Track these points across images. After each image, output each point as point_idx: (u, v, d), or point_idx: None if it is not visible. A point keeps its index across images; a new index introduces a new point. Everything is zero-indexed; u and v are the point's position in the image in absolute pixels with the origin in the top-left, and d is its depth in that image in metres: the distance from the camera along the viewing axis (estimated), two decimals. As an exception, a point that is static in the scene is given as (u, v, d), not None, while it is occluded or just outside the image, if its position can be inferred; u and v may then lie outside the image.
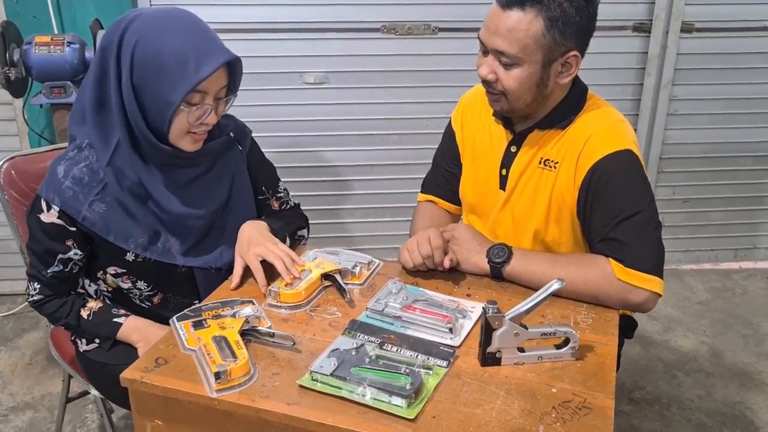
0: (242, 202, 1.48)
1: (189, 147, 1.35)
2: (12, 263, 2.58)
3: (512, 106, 1.36)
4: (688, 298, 2.87)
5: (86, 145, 1.34)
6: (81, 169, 1.32)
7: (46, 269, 1.38)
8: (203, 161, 1.42)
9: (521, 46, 1.27)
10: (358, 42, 2.63)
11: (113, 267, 1.40)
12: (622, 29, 2.72)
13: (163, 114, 1.27)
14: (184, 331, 1.17)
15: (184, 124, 1.30)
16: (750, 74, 2.81)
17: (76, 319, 1.43)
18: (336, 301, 1.32)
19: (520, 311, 1.12)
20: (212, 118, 1.32)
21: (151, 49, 1.24)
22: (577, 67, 1.34)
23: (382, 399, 1.01)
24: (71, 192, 1.31)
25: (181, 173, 1.39)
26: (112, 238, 1.34)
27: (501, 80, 1.32)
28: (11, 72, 2.19)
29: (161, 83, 1.24)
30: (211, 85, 1.27)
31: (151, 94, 1.26)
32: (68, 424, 2.08)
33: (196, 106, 1.28)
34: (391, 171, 2.83)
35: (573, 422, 0.99)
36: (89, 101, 1.32)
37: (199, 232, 1.41)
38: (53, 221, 1.33)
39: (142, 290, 1.44)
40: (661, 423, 2.14)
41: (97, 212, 1.33)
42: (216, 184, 1.43)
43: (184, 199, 1.38)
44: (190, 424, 1.08)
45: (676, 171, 2.95)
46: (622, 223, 1.31)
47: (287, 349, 1.15)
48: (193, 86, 1.24)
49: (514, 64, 1.30)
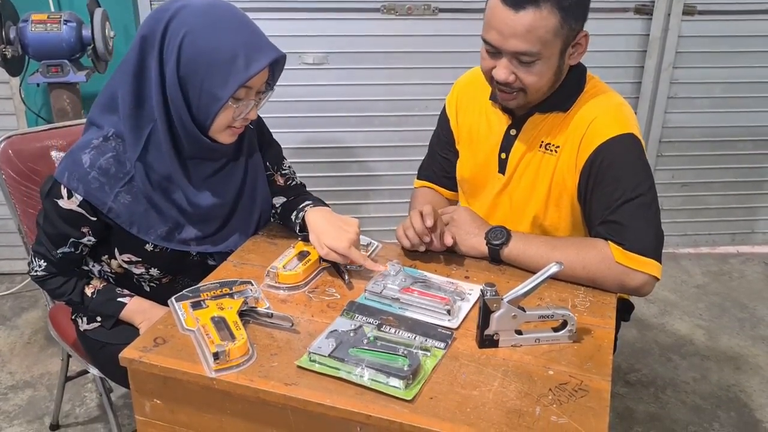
0: (257, 183, 1.48)
1: (227, 140, 1.34)
2: (10, 242, 2.58)
3: (529, 100, 1.35)
4: (685, 282, 2.88)
5: (113, 135, 1.31)
6: (108, 159, 1.30)
7: (56, 249, 1.38)
8: (228, 154, 1.41)
9: (543, 43, 1.25)
10: (358, 22, 2.61)
11: (128, 255, 1.40)
12: (623, 11, 2.70)
13: (210, 109, 1.26)
14: (182, 312, 1.17)
15: (228, 119, 1.29)
16: (751, 58, 2.80)
17: (80, 296, 1.43)
18: (334, 282, 1.32)
19: (518, 294, 1.12)
20: (253, 113, 1.33)
21: (201, 43, 1.23)
22: (587, 44, 1.34)
23: (379, 380, 1.01)
24: (97, 183, 1.29)
25: (208, 166, 1.38)
26: (135, 230, 1.33)
27: (521, 78, 1.30)
28: (7, 50, 2.17)
29: (211, 78, 1.24)
30: (257, 81, 1.27)
31: (198, 88, 1.25)
32: (67, 403, 2.10)
33: (242, 101, 1.28)
34: (390, 152, 2.82)
35: (569, 404, 1.00)
36: (126, 93, 1.28)
37: (219, 221, 1.41)
38: (72, 209, 1.31)
39: (154, 276, 1.45)
40: (657, 405, 2.16)
41: (122, 203, 1.31)
42: (236, 170, 1.43)
43: (210, 191, 1.38)
44: (189, 403, 1.09)
45: (676, 155, 2.95)
46: (622, 206, 1.31)
47: (285, 330, 1.15)
48: (243, 83, 1.24)
49: (535, 61, 1.28)
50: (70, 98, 2.31)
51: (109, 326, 1.45)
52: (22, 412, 2.08)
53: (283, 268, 1.29)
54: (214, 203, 1.38)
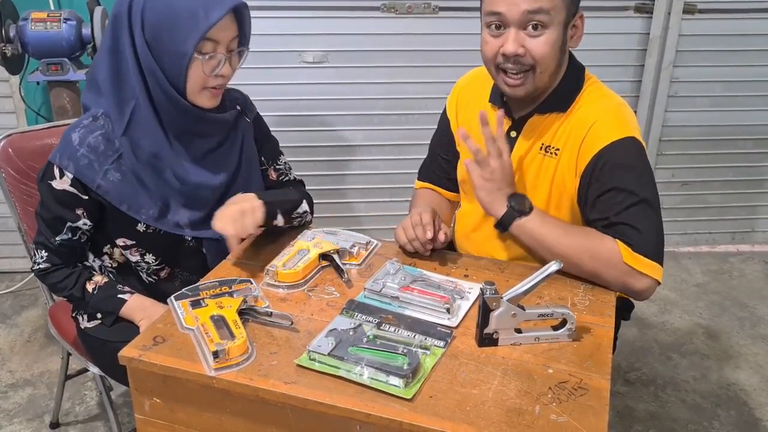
0: (251, 173, 1.51)
1: (207, 103, 1.37)
2: (10, 241, 2.57)
3: (537, 83, 1.33)
4: (685, 281, 2.88)
5: (102, 114, 1.36)
6: (96, 137, 1.34)
7: (54, 237, 1.39)
8: (218, 132, 1.44)
9: (553, 3, 1.26)
10: (358, 21, 2.61)
11: (123, 239, 1.42)
12: (623, 10, 2.70)
13: (179, 66, 1.30)
14: (182, 310, 1.17)
15: (199, 75, 1.32)
16: (752, 56, 2.79)
17: (81, 291, 1.43)
18: (334, 281, 1.32)
19: (518, 292, 1.12)
20: (227, 69, 1.35)
21: (160, 7, 1.28)
22: (582, 28, 1.34)
23: (379, 379, 1.01)
24: (86, 160, 1.33)
25: (197, 145, 1.41)
26: (125, 207, 1.36)
27: (530, 50, 1.29)
28: (7, 48, 2.17)
29: (173, 35, 1.28)
30: (221, 33, 1.30)
31: (166, 48, 1.29)
32: (67, 401, 2.10)
33: (210, 56, 1.31)
34: (389, 151, 2.82)
35: (569, 403, 1.00)
36: (105, 71, 1.34)
37: (210, 204, 1.43)
38: (65, 188, 1.34)
39: (150, 264, 1.45)
40: (656, 404, 2.16)
41: (112, 181, 1.34)
42: (228, 155, 1.46)
43: (199, 170, 1.41)
44: (189, 402, 1.09)
45: (676, 153, 2.94)
46: (628, 209, 1.29)
47: (285, 328, 1.15)
48: (204, 33, 1.27)
49: (543, 28, 1.28)
50: (70, 97, 2.31)
51: (109, 323, 1.46)
52: (22, 410, 2.08)
53: (282, 267, 1.30)
54: (201, 181, 1.40)
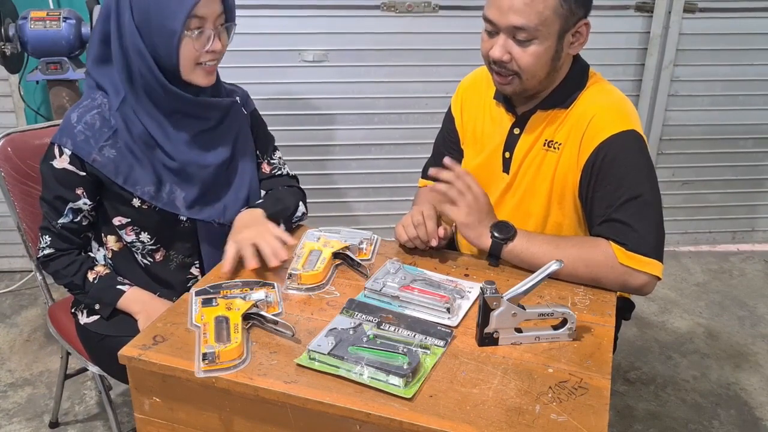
0: (245, 163, 1.53)
1: (203, 80, 1.39)
2: (9, 240, 2.58)
3: (525, 86, 1.34)
4: (686, 280, 2.88)
5: (100, 94, 1.40)
6: (93, 115, 1.38)
7: (56, 219, 1.42)
8: (211, 115, 1.46)
9: (541, 19, 1.25)
10: (358, 19, 2.60)
11: (119, 217, 1.44)
12: (624, 8, 2.69)
13: (170, 45, 1.32)
14: (197, 307, 1.18)
15: (191, 52, 1.34)
16: (752, 55, 2.79)
17: (82, 279, 1.45)
18: (333, 280, 1.32)
19: (518, 292, 1.12)
20: (217, 45, 1.37)
21: None
22: (587, 35, 1.33)
23: (379, 378, 1.01)
24: (83, 136, 1.37)
25: (190, 125, 1.43)
26: (121, 180, 1.39)
27: (516, 59, 1.29)
28: (7, 47, 2.17)
29: (161, 16, 1.30)
30: (206, 10, 1.32)
31: (155, 29, 1.32)
32: (67, 401, 2.09)
33: (199, 32, 1.33)
34: (389, 150, 2.81)
35: (569, 402, 1.00)
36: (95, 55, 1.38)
37: (202, 184, 1.45)
38: (65, 167, 1.38)
39: (145, 243, 1.47)
40: (657, 403, 2.16)
41: (107, 156, 1.38)
42: (221, 140, 1.48)
43: (191, 149, 1.43)
44: (188, 401, 1.08)
45: (676, 152, 2.94)
46: (625, 205, 1.30)
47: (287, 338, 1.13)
48: (190, 9, 1.29)
49: (531, 40, 1.27)
50: (70, 95, 2.31)
51: (106, 315, 1.46)
52: (21, 409, 2.08)
53: (302, 269, 1.29)
54: (191, 159, 1.43)
